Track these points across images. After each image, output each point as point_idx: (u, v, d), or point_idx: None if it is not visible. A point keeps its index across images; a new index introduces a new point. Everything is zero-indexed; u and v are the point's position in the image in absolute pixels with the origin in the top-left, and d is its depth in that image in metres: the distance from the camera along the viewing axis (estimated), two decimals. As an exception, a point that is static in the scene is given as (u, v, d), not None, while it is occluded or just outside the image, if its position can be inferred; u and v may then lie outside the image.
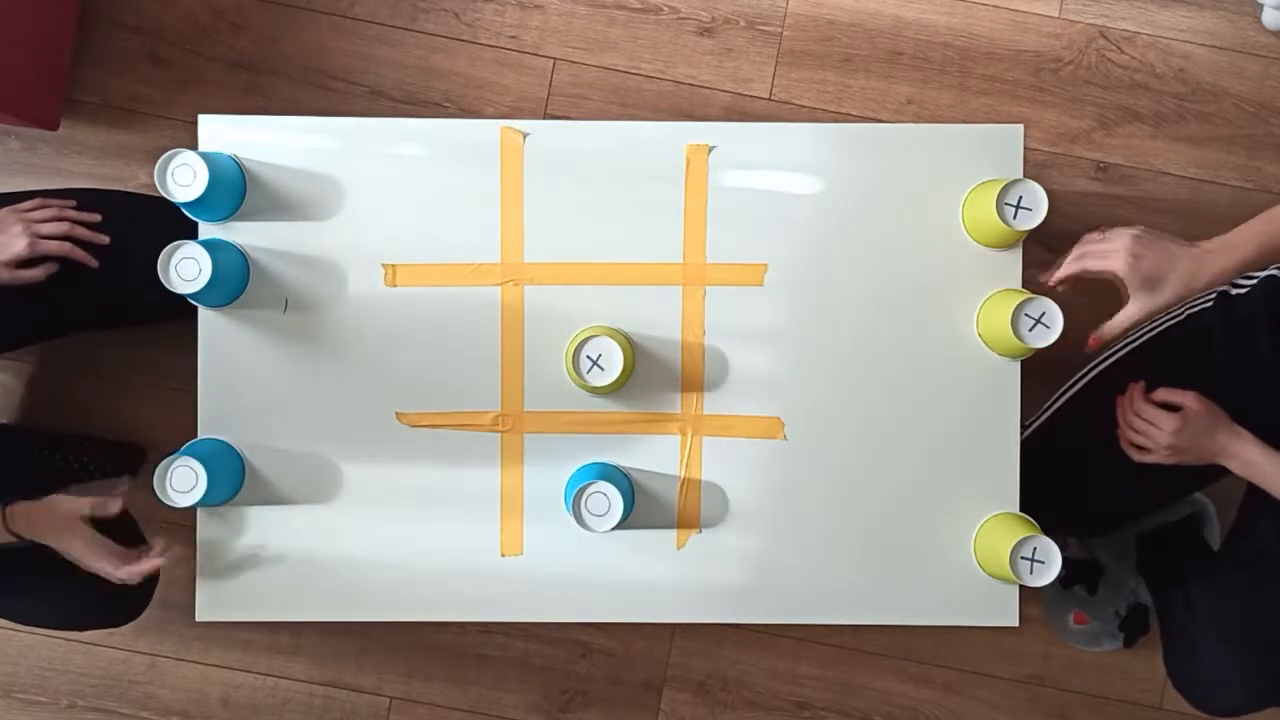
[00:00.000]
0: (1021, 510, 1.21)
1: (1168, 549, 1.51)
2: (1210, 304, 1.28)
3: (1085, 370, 1.36)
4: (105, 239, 1.27)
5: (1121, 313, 1.16)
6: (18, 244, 1.22)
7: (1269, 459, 1.19)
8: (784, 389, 1.23)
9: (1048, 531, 1.17)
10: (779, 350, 1.23)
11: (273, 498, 1.22)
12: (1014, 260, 1.23)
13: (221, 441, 1.22)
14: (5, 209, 1.25)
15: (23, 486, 1.20)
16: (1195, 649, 1.30)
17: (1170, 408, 1.23)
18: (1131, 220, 1.58)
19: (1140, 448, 1.24)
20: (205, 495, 1.13)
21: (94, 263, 1.26)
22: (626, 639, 1.58)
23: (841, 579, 1.24)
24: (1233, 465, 1.21)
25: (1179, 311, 1.30)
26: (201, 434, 1.22)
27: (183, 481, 1.14)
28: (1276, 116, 1.60)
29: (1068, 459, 1.33)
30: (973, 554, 1.22)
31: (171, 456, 1.14)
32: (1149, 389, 1.26)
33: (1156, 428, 1.22)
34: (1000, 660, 1.58)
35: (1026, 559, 1.15)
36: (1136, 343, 1.32)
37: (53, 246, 1.23)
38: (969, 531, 1.23)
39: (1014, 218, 1.16)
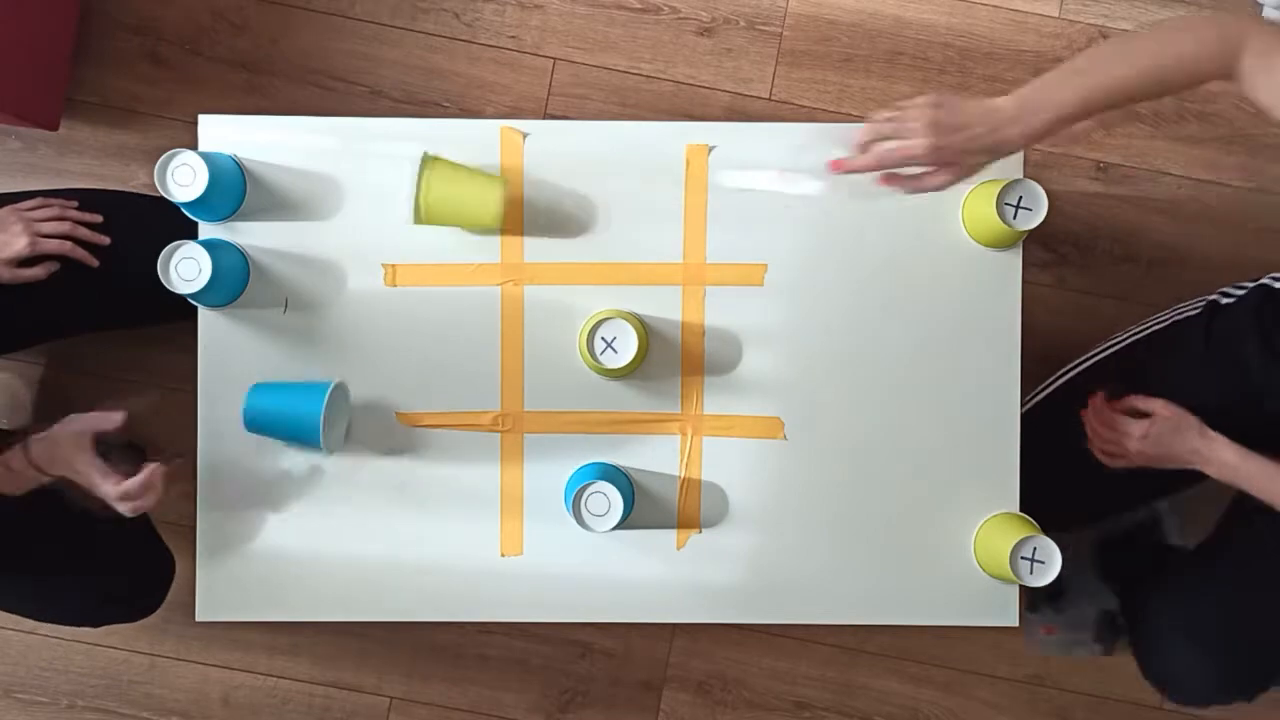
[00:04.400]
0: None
1: (1130, 553, 1.52)
2: (1198, 311, 1.27)
3: (1063, 371, 1.35)
4: (106, 239, 1.27)
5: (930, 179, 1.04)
6: (18, 242, 1.22)
7: (1244, 459, 1.19)
8: (784, 389, 1.23)
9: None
10: (779, 350, 1.23)
11: (273, 497, 1.22)
12: (1014, 260, 1.23)
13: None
14: (6, 208, 1.25)
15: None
16: (1166, 650, 1.31)
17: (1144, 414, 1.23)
18: (1132, 221, 1.59)
19: (1113, 455, 1.25)
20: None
21: (94, 262, 1.26)
22: (626, 639, 1.58)
23: (841, 579, 1.24)
24: (1209, 470, 1.21)
25: (1165, 316, 1.30)
26: (200, 434, 1.22)
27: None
28: (1276, 116, 1.60)
29: (1041, 458, 1.33)
30: (973, 554, 1.22)
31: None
32: (1130, 394, 1.26)
33: (1124, 433, 1.22)
34: (1000, 660, 1.58)
35: (1026, 559, 1.15)
36: (1119, 345, 1.32)
37: (53, 245, 1.24)
38: (969, 531, 1.23)
39: (1014, 218, 1.16)
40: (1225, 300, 1.26)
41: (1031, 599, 1.55)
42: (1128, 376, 1.28)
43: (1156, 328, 1.31)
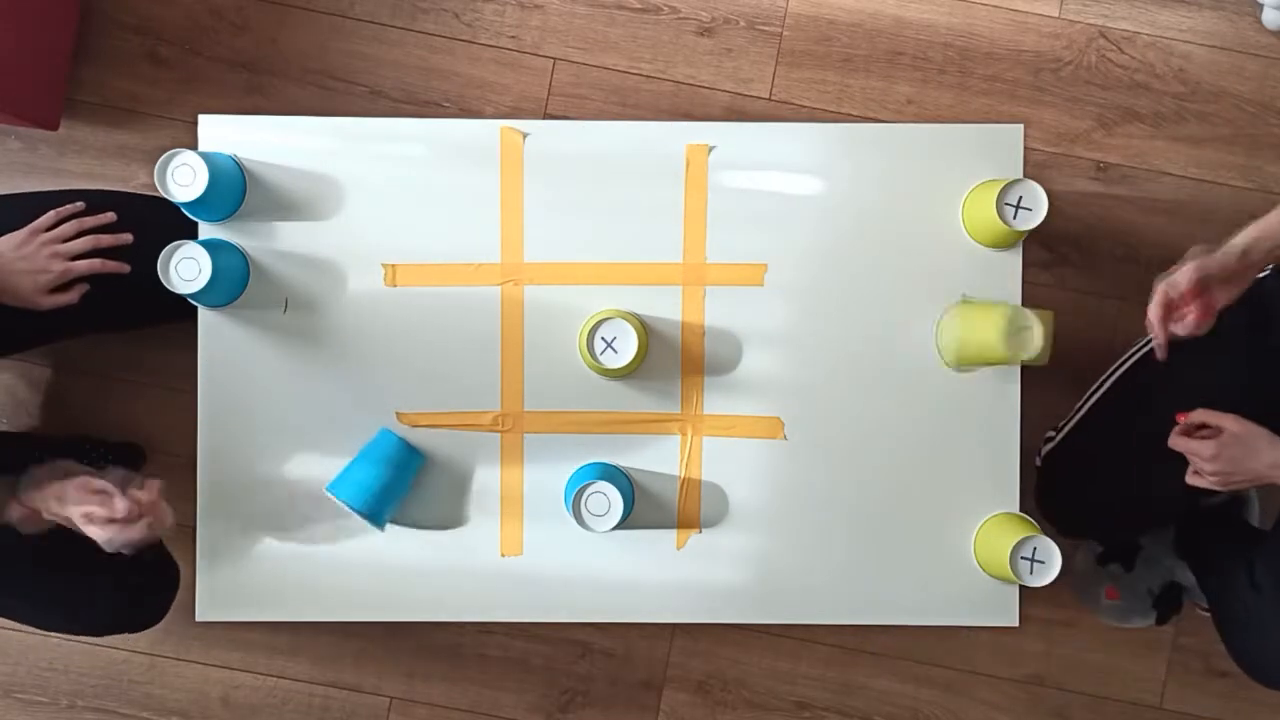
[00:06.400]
0: (1054, 518, 1.20)
1: (1208, 529, 1.50)
2: None
3: (1110, 371, 1.35)
4: (128, 237, 1.26)
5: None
6: (51, 271, 1.22)
7: None
8: (784, 389, 1.23)
9: (1079, 537, 1.14)
10: (779, 350, 1.23)
11: (273, 497, 1.22)
12: (1014, 260, 1.23)
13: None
14: (25, 232, 1.24)
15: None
16: (1263, 627, 1.27)
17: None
18: (1132, 221, 1.59)
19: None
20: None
21: (126, 269, 1.25)
22: (626, 639, 1.58)
23: (842, 579, 1.24)
24: None
25: None
26: (200, 434, 1.22)
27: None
28: (1276, 116, 1.60)
29: (1100, 462, 1.33)
30: (973, 554, 1.22)
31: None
32: (1177, 389, 1.25)
33: (1198, 457, 1.20)
34: (1000, 660, 1.58)
35: (1026, 559, 1.15)
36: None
37: (84, 266, 1.23)
38: (969, 531, 1.23)
39: (1014, 218, 1.16)
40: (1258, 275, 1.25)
41: (1103, 554, 1.54)
42: (1175, 368, 1.27)
43: None
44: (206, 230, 1.22)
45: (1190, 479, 1.23)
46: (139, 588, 1.34)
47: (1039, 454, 1.41)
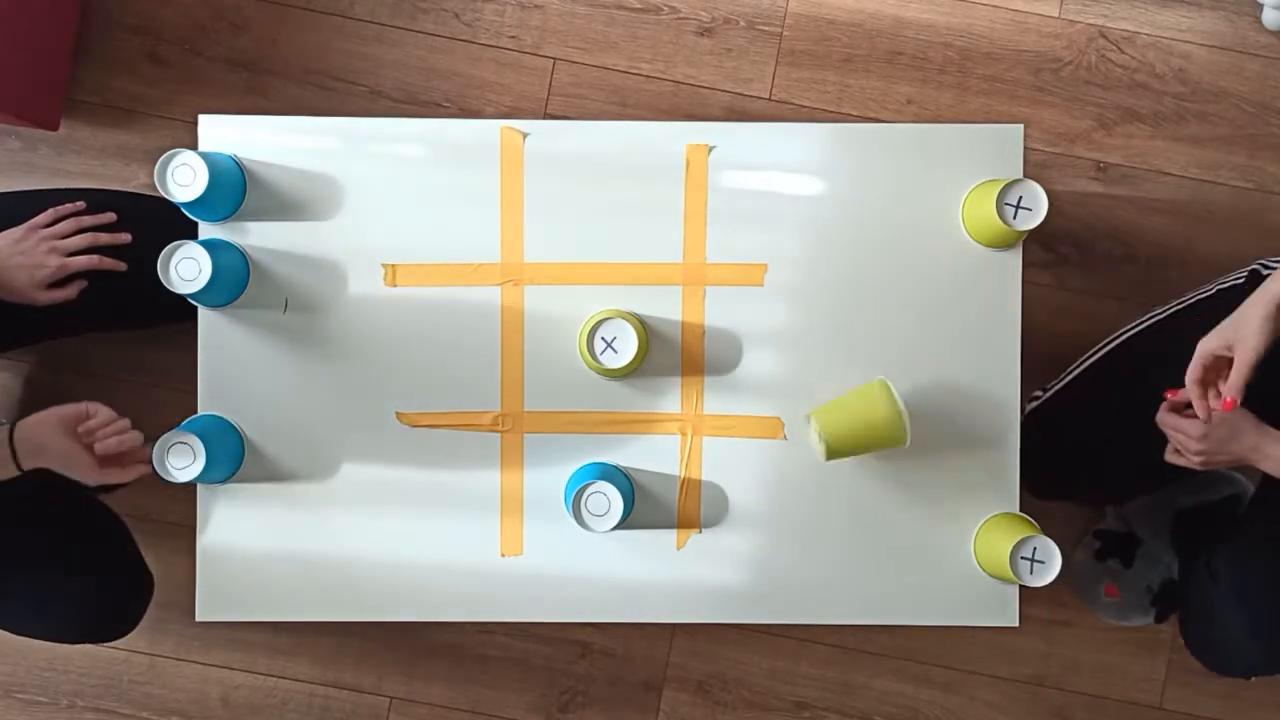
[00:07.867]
0: (1029, 475, 1.21)
1: (1204, 526, 1.51)
2: (1242, 280, 1.27)
3: (1106, 341, 1.35)
4: (127, 237, 1.27)
5: (1234, 373, 1.12)
6: (48, 266, 1.22)
7: None
8: (784, 389, 1.23)
9: (1052, 497, 1.15)
10: (779, 350, 1.23)
11: (273, 498, 1.22)
12: (1014, 260, 1.23)
13: (220, 418, 1.22)
14: (24, 228, 1.25)
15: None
16: (1214, 614, 1.30)
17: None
18: (1132, 221, 1.59)
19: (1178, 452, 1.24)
20: (203, 473, 1.13)
21: (123, 267, 1.26)
22: (626, 639, 1.58)
23: (841, 579, 1.23)
24: (1266, 466, 1.20)
25: (1209, 288, 1.30)
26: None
27: (180, 459, 1.14)
28: (1276, 116, 1.60)
29: (1083, 420, 1.33)
30: (973, 554, 1.22)
31: (170, 432, 1.15)
32: (1172, 364, 1.25)
33: (1184, 435, 1.21)
34: (1000, 660, 1.58)
35: (1026, 559, 1.15)
36: (1162, 315, 1.32)
37: (81, 262, 1.24)
38: (969, 531, 1.23)
39: (1014, 218, 1.16)
40: (1266, 270, 1.25)
41: (1102, 548, 1.54)
42: (1172, 347, 1.28)
43: (1200, 298, 1.30)
44: (206, 230, 1.22)
45: (1170, 457, 1.24)
46: (111, 595, 1.32)
47: (1021, 412, 1.41)
